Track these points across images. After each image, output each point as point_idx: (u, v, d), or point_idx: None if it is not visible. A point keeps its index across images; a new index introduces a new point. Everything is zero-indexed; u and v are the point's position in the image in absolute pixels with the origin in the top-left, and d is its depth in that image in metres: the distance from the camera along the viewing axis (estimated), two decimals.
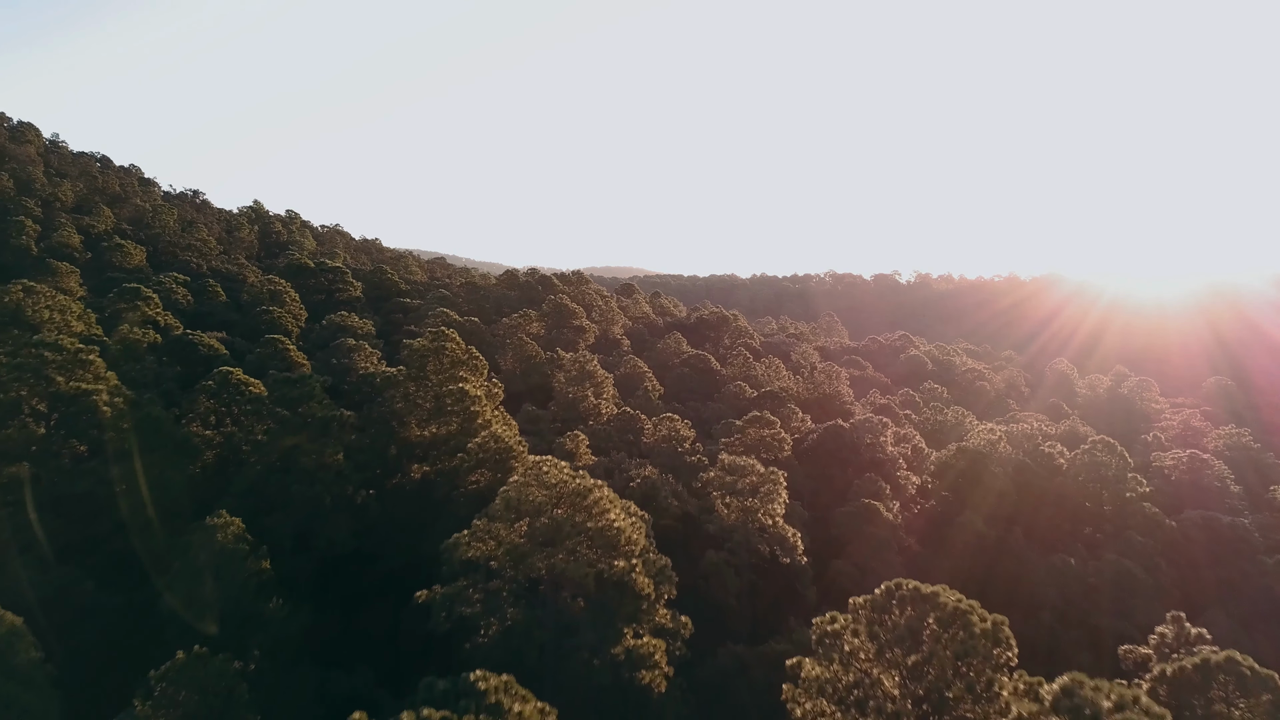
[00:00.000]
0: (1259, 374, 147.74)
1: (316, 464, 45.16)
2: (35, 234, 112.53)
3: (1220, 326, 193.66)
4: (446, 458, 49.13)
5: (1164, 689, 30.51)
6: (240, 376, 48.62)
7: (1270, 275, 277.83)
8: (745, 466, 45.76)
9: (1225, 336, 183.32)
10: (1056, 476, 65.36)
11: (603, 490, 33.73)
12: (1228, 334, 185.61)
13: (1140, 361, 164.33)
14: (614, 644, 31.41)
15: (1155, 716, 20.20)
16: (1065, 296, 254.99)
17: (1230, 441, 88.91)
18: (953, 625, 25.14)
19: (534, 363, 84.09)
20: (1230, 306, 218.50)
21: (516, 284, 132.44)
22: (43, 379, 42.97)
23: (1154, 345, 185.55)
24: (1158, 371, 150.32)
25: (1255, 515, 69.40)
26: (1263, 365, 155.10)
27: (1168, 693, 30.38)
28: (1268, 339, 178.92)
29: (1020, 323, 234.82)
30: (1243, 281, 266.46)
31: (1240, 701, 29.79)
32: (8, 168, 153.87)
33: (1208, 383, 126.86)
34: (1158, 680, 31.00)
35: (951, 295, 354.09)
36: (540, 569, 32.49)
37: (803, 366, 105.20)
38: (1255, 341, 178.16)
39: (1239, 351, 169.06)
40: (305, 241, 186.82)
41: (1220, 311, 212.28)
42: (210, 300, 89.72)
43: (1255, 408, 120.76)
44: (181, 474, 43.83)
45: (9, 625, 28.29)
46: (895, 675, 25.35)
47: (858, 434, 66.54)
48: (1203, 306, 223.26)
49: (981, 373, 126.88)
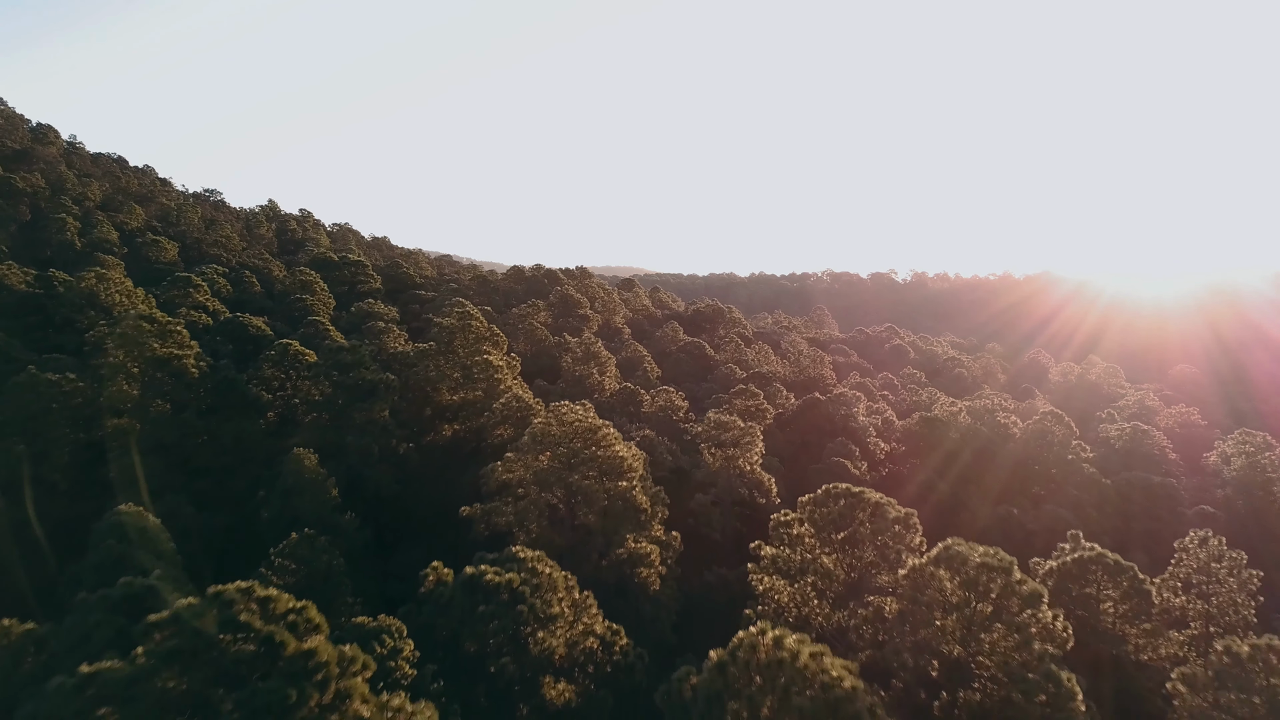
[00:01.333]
0: (1257, 371, 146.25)
1: (366, 419, 53.47)
2: (76, 230, 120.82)
3: (1219, 324, 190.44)
4: (474, 417, 57.43)
5: (1052, 580, 38.76)
6: (298, 347, 56.94)
7: (1269, 274, 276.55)
8: (727, 422, 54.07)
9: (1224, 334, 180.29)
10: (1009, 443, 73.62)
11: (609, 429, 42.06)
12: (1226, 332, 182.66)
13: (1139, 358, 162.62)
14: (618, 548, 39.68)
15: (1005, 562, 28.51)
16: (1064, 296, 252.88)
17: (1181, 419, 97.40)
18: (875, 515, 33.45)
19: (543, 345, 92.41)
20: (1229, 305, 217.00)
21: (523, 278, 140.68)
22: (139, 345, 51.25)
23: (1153, 344, 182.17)
24: (1157, 370, 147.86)
25: (1188, 479, 77.71)
26: (1260, 362, 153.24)
27: (1055, 582, 38.64)
28: (1267, 337, 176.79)
29: (1020, 322, 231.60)
30: (1242, 280, 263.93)
31: (1109, 587, 38.12)
32: (37, 168, 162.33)
33: (1174, 370, 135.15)
34: (1047, 575, 39.29)
35: (950, 294, 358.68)
36: (559, 489, 40.80)
37: (790, 353, 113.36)
38: (1254, 340, 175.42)
39: (1237, 349, 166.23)
40: (320, 239, 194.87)
41: (1219, 310, 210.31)
42: (247, 290, 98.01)
43: (1255, 406, 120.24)
44: (255, 426, 52.13)
45: (150, 522, 36.61)
46: (831, 553, 33.61)
47: (833, 406, 74.78)
48: (1201, 305, 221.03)
49: (961, 361, 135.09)
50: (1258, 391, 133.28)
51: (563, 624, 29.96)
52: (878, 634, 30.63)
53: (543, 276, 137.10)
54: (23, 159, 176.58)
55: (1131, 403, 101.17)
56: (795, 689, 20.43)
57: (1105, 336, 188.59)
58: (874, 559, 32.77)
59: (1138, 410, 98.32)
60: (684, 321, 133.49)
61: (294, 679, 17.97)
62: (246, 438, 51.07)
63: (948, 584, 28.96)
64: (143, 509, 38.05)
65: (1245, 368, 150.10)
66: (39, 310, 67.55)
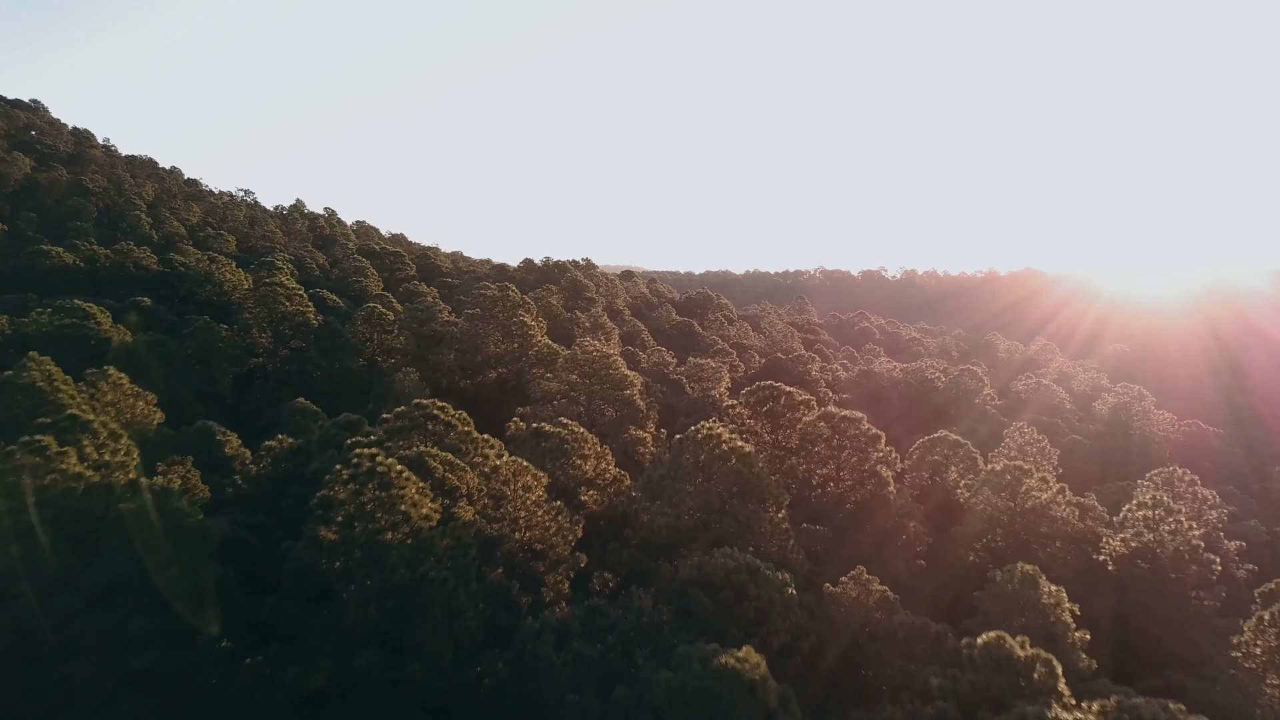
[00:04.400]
0: (1255, 369, 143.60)
1: (437, 360, 72.19)
2: (149, 224, 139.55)
3: (1216, 322, 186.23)
4: (513, 363, 76.17)
5: (916, 453, 57.64)
6: (381, 308, 75.70)
7: (1267, 271, 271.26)
8: (703, 363, 72.96)
9: (1221, 332, 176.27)
10: (932, 392, 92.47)
11: (617, 357, 60.88)
12: (1224, 330, 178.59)
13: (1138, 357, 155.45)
14: (624, 433, 58.48)
15: (857, 415, 47.34)
16: (1063, 296, 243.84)
17: (1091, 381, 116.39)
18: (787, 399, 52.20)
19: (558, 320, 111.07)
20: (1226, 302, 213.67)
21: (535, 269, 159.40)
22: (270, 303, 70.03)
23: (1151, 343, 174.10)
24: (1156, 367, 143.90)
25: (1082, 425, 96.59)
26: (1258, 360, 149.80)
27: (917, 455, 57.48)
28: (1264, 335, 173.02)
29: (1020, 321, 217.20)
30: (1239, 277, 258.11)
31: (955, 459, 56.93)
32: (89, 170, 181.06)
33: (1105, 349, 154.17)
34: (912, 450, 58.18)
35: (951, 294, 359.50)
36: (583, 396, 59.64)
37: (768, 331, 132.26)
38: (1251, 336, 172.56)
39: (1234, 346, 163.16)
40: (348, 234, 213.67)
41: (1216, 307, 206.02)
42: (309, 273, 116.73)
43: (1251, 404, 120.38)
44: (354, 364, 70.95)
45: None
46: (758, 421, 52.31)
47: (793, 364, 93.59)
48: (1198, 301, 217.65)
49: (920, 340, 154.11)
50: (1255, 388, 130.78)
51: (591, 459, 48.68)
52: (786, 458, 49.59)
53: (553, 267, 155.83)
54: (77, 162, 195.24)
55: (1052, 369, 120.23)
56: (719, 453, 39.27)
57: (1105, 334, 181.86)
58: (785, 424, 51.58)
59: (1057, 376, 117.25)
60: (677, 306, 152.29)
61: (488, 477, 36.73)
62: (348, 372, 69.92)
63: (826, 431, 47.87)
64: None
65: (1242, 364, 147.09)
66: (168, 285, 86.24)
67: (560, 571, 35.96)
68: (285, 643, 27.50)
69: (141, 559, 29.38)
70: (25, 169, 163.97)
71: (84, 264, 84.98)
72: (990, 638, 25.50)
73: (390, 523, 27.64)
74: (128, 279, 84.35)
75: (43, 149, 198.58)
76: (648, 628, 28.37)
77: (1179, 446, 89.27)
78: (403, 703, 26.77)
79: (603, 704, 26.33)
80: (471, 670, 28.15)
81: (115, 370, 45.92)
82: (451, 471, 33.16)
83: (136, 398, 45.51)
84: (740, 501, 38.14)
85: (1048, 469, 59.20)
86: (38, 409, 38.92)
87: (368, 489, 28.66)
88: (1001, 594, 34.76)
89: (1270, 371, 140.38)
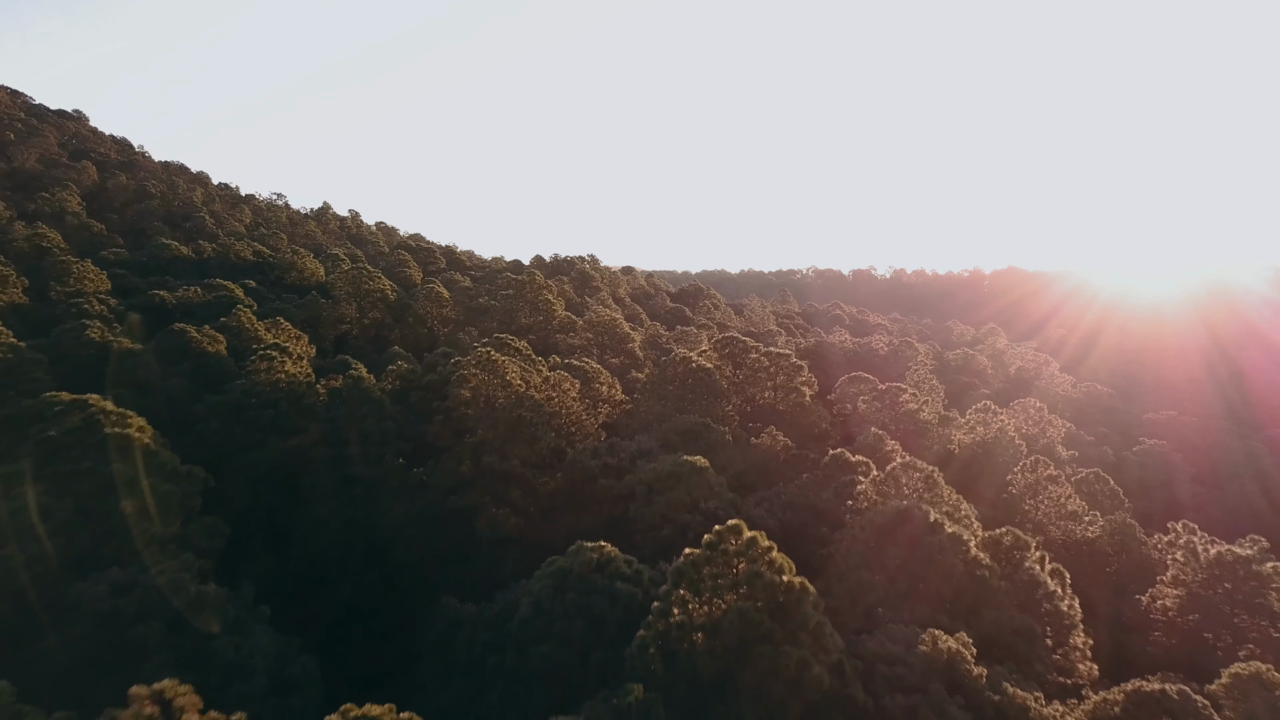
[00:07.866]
0: (1252, 368, 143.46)
1: (482, 329, 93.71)
2: (214, 224, 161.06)
3: (1214, 321, 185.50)
4: (541, 331, 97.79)
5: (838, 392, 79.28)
6: (439, 287, 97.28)
7: (1264, 270, 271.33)
8: (687, 330, 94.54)
9: (1218, 330, 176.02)
10: (874, 358, 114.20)
11: (622, 320, 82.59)
12: (1221, 328, 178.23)
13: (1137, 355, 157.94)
14: (627, 375, 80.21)
15: (787, 351, 69.16)
16: (1063, 294, 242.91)
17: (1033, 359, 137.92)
18: (743, 347, 73.99)
19: (570, 303, 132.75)
20: (1223, 301, 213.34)
21: (544, 264, 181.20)
22: (354, 281, 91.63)
23: (1150, 341, 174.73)
24: (1155, 366, 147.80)
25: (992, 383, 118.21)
26: (1256, 359, 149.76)
27: (836, 392, 79.10)
28: (1260, 334, 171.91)
29: (1018, 322, 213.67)
30: (1236, 276, 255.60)
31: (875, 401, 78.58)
32: (139, 176, 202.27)
33: (1049, 328, 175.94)
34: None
35: (939, 292, 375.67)
36: (596, 349, 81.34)
37: (749, 316, 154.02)
38: (1248, 336, 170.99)
39: (1231, 345, 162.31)
40: (373, 234, 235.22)
41: (1212, 306, 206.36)
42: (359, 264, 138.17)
43: (1249, 404, 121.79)
44: (421, 330, 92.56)
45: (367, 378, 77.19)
46: (722, 365, 73.82)
47: (760, 337, 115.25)
48: (1194, 300, 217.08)
49: (886, 327, 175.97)
50: (1252, 387, 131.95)
51: (605, 385, 70.26)
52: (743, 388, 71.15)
53: (562, 262, 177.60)
54: (127, 168, 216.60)
55: (987, 345, 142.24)
56: (689, 369, 60.92)
57: (1103, 333, 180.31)
58: (740, 364, 73.10)
59: (991, 351, 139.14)
60: (672, 297, 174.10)
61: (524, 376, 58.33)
62: (416, 336, 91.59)
63: (765, 362, 69.54)
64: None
65: (1239, 363, 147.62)
66: (260, 271, 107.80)
67: (593, 436, 57.64)
68: (441, 454, 49.28)
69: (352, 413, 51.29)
70: (93, 176, 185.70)
71: (194, 255, 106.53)
72: (836, 451, 47.41)
73: (501, 384, 49.28)
74: (230, 267, 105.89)
75: (97, 157, 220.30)
76: (644, 449, 50.09)
77: (1072, 402, 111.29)
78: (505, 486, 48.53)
79: (618, 484, 48.11)
80: (544, 473, 49.90)
81: (283, 320, 67.68)
82: (529, 365, 54.84)
83: (297, 339, 67.18)
84: (701, 396, 59.82)
85: (935, 398, 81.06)
86: (249, 342, 60.66)
87: (484, 370, 50.39)
88: (863, 448, 56.51)
89: (1269, 372, 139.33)
